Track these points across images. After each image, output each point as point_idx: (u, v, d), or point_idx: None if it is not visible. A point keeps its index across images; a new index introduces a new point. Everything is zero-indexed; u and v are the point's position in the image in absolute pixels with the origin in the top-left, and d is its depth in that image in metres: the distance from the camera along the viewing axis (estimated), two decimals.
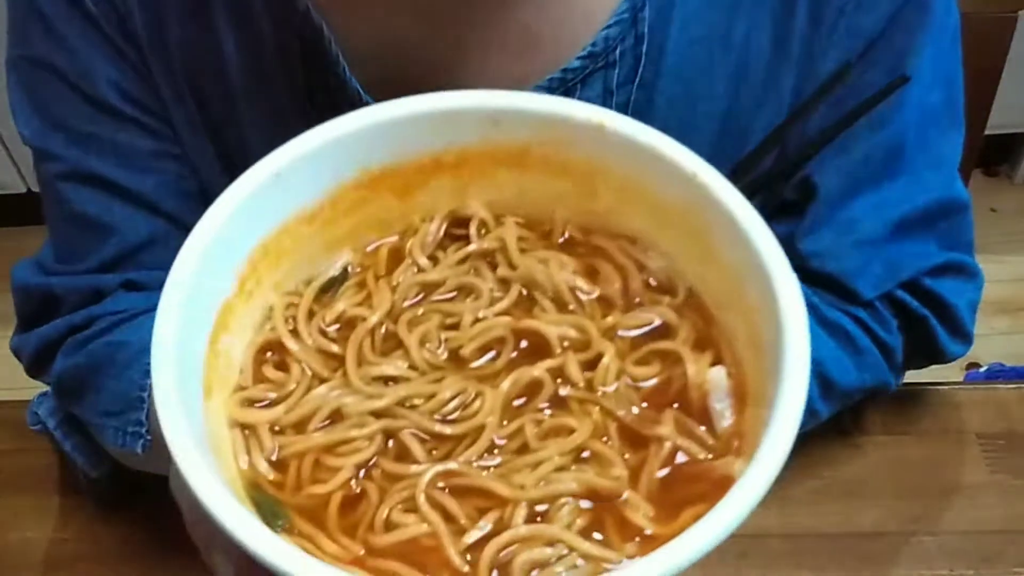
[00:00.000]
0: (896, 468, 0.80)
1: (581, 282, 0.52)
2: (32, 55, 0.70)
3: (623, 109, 0.69)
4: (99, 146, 0.71)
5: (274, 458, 0.47)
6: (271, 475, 0.46)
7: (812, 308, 0.72)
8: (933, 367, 0.80)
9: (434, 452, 0.47)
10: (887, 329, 0.74)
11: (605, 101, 0.69)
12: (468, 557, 0.44)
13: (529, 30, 0.66)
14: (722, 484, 0.43)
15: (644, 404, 0.48)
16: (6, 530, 0.80)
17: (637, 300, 0.52)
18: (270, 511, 0.45)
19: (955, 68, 0.74)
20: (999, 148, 2.18)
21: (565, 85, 0.68)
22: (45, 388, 0.80)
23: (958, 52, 0.74)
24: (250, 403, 0.48)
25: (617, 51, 0.67)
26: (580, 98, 0.68)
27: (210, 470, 0.40)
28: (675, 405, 0.48)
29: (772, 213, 0.76)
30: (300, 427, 0.48)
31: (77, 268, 0.73)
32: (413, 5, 0.65)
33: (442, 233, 0.54)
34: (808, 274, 0.73)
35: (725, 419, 0.47)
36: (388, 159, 0.51)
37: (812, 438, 0.76)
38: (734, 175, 0.58)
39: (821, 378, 0.71)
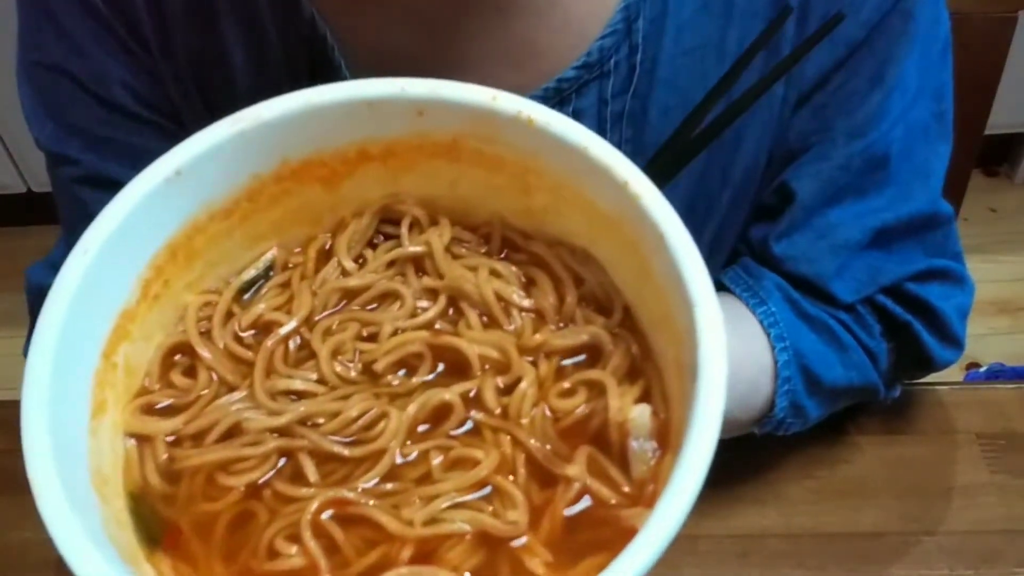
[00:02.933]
0: (896, 468, 0.79)
1: (513, 293, 0.48)
2: (46, 60, 0.70)
3: (618, 118, 0.69)
4: (115, 150, 0.71)
5: (164, 470, 0.45)
6: (163, 489, 0.45)
7: (793, 303, 0.70)
8: None
9: (331, 475, 0.45)
10: (870, 334, 0.72)
11: (600, 111, 0.68)
12: None
13: (527, 40, 0.65)
14: (627, 535, 0.40)
15: (560, 438, 0.45)
16: (6, 530, 0.80)
17: (571, 317, 0.48)
18: (152, 529, 0.43)
19: (944, 80, 0.71)
20: (999, 148, 2.15)
21: (560, 95, 0.67)
22: None
23: (948, 64, 0.71)
24: (150, 411, 0.46)
25: (612, 61, 0.66)
26: (575, 108, 0.68)
27: (73, 511, 0.38)
28: (593, 441, 0.45)
29: (751, 216, 0.75)
30: (198, 439, 0.46)
31: None
32: (413, 15, 0.64)
33: (372, 230, 0.51)
34: (784, 277, 0.72)
35: (643, 462, 0.44)
36: (308, 150, 0.48)
37: (812, 438, 0.75)
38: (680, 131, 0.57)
39: (805, 372, 0.69)
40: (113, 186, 0.71)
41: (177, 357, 0.48)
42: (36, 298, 0.77)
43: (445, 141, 0.48)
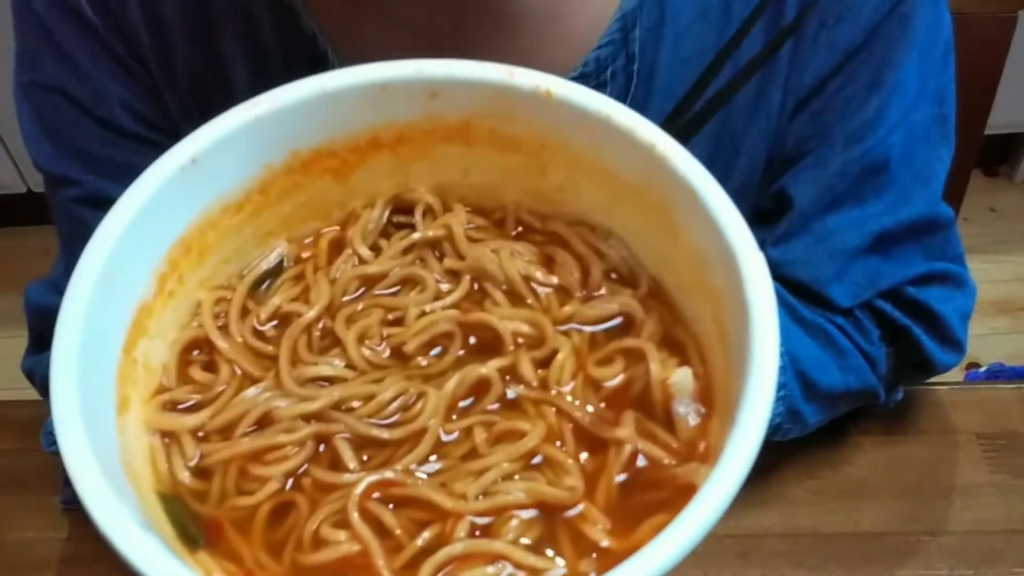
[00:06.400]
0: (896, 468, 0.78)
1: (537, 271, 0.48)
2: (44, 81, 0.69)
3: None
4: (115, 170, 0.70)
5: (194, 466, 0.43)
6: (193, 486, 0.42)
7: (789, 308, 0.69)
8: None
9: (370, 459, 0.43)
10: (868, 339, 0.71)
11: None
12: None
13: (525, 53, 0.65)
14: (685, 492, 0.39)
15: (603, 405, 0.44)
16: (6, 530, 0.79)
17: (598, 291, 0.48)
18: (189, 528, 0.41)
19: (946, 83, 0.71)
20: (999, 148, 2.15)
21: None
22: None
23: (950, 67, 0.70)
24: (172, 407, 0.44)
25: (608, 71, 0.66)
26: None
27: (118, 499, 0.36)
28: (636, 407, 0.44)
29: (748, 221, 0.74)
30: (226, 433, 0.44)
31: None
32: (413, 31, 0.64)
33: (385, 220, 0.50)
34: (780, 281, 0.70)
35: (689, 424, 0.43)
36: (320, 139, 0.47)
37: (813, 439, 0.74)
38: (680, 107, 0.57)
39: (801, 377, 0.68)
40: None
41: (195, 354, 0.46)
42: (36, 316, 0.76)
43: (458, 123, 0.48)
